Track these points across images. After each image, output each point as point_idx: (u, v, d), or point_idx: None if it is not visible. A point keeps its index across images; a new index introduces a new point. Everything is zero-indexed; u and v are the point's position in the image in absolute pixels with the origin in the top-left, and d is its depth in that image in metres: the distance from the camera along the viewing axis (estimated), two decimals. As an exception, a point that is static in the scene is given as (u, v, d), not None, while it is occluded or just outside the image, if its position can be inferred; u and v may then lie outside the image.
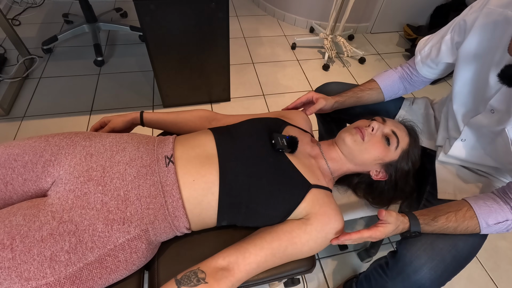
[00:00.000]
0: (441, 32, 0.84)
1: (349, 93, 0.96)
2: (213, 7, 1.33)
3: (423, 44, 0.90)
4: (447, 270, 0.71)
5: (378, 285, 0.84)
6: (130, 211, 0.61)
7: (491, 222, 0.65)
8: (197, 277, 0.58)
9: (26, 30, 2.21)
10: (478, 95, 0.75)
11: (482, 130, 0.75)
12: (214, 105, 1.81)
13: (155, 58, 1.47)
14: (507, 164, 0.74)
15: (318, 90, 1.08)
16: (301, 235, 0.65)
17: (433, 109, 1.00)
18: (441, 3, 2.39)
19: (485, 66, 0.71)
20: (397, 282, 0.76)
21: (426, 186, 0.89)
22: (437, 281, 0.71)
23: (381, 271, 0.82)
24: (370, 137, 0.76)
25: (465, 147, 0.81)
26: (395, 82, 0.96)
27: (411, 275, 0.72)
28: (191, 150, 0.70)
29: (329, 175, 0.80)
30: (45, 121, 1.63)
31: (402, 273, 0.74)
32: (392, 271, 0.77)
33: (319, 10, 2.42)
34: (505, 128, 0.67)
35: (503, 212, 0.65)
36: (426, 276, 0.70)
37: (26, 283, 0.53)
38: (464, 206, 0.68)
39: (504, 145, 0.69)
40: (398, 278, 0.75)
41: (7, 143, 0.67)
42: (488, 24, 0.70)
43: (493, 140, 0.73)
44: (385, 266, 0.80)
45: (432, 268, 0.70)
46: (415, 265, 0.71)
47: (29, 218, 0.57)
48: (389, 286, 0.78)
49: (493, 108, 0.70)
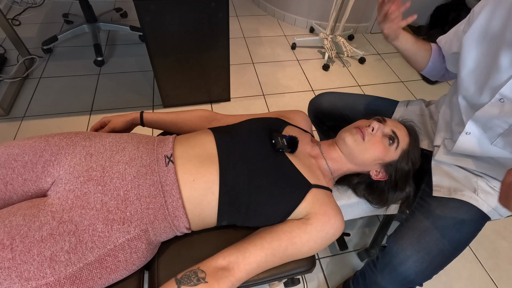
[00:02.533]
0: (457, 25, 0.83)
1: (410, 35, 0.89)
2: (213, 7, 1.33)
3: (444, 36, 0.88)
4: (433, 262, 0.73)
5: (370, 280, 0.86)
6: (130, 211, 0.61)
7: None
8: (197, 276, 0.58)
9: (26, 30, 2.21)
10: (484, 83, 0.71)
11: (493, 121, 0.71)
12: (214, 105, 1.82)
13: (155, 58, 1.47)
14: None
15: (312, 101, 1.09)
16: (301, 235, 0.65)
17: (429, 110, 0.99)
18: (441, 3, 2.39)
19: (494, 48, 0.68)
20: (385, 274, 0.78)
21: (421, 185, 0.90)
22: (422, 274, 0.73)
23: (372, 266, 0.85)
24: (371, 137, 0.76)
25: (470, 140, 0.79)
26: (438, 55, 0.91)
27: (397, 267, 0.74)
28: (191, 149, 0.70)
29: (329, 175, 0.80)
30: (45, 121, 1.63)
31: (389, 265, 0.77)
32: (381, 264, 0.80)
33: (319, 10, 2.42)
34: None
35: None
36: (411, 268, 0.73)
37: (26, 283, 0.53)
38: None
39: None
40: (385, 270, 0.78)
41: (7, 143, 0.67)
42: (494, 13, 0.68)
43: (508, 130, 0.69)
44: (376, 260, 0.83)
45: (417, 261, 0.72)
46: (401, 257, 0.73)
47: (29, 218, 0.57)
48: (378, 279, 0.81)
49: (503, 97, 0.66)
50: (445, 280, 1.23)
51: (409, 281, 0.75)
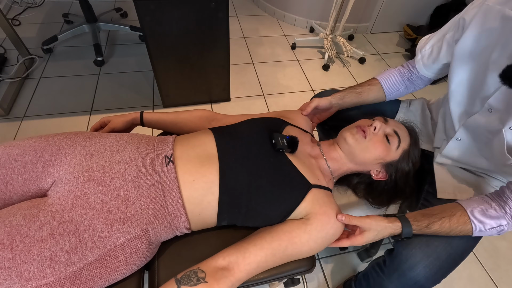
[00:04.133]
0: (442, 30, 0.83)
1: (348, 89, 0.95)
2: (213, 7, 1.33)
3: (423, 43, 0.88)
4: (442, 267, 0.73)
5: (376, 283, 0.85)
6: (130, 211, 0.61)
7: (485, 227, 0.65)
8: (197, 276, 0.58)
9: (26, 30, 2.21)
10: (475, 94, 0.74)
11: (479, 130, 0.74)
12: (214, 105, 1.81)
13: (155, 58, 1.47)
14: (501, 166, 0.74)
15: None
16: (301, 235, 0.65)
17: (430, 110, 0.99)
18: (441, 3, 2.39)
19: (482, 65, 0.70)
20: (393, 279, 0.77)
21: (424, 186, 0.89)
22: (432, 278, 0.73)
23: (379, 269, 0.83)
24: (372, 136, 0.76)
25: (459, 146, 0.81)
26: (396, 80, 0.94)
27: (407, 272, 0.73)
28: (191, 149, 0.70)
29: (329, 175, 0.80)
30: (45, 121, 1.63)
31: (398, 270, 0.75)
32: (389, 269, 0.79)
33: (319, 10, 2.42)
34: (502, 129, 0.66)
35: (497, 217, 0.65)
36: (421, 273, 0.72)
37: (26, 283, 0.53)
38: (458, 210, 0.67)
39: (499, 146, 0.69)
40: (394, 275, 0.77)
41: (7, 143, 0.67)
42: (486, 21, 0.69)
43: (490, 140, 0.72)
44: (383, 264, 0.82)
45: (427, 266, 0.72)
46: (411, 262, 0.72)
47: (29, 218, 0.57)
48: (386, 283, 0.80)
49: (491, 107, 0.69)
50: (445, 280, 1.21)
51: (418, 286, 0.74)
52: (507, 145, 0.66)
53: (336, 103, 0.93)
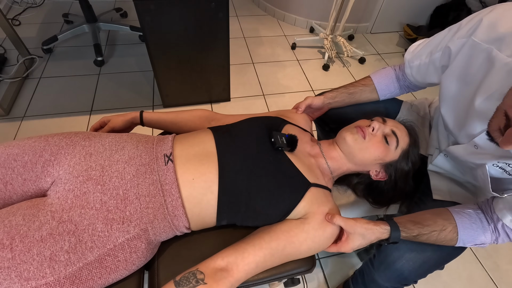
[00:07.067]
0: (432, 44, 0.78)
1: (341, 88, 0.94)
2: (213, 7, 1.33)
3: (411, 54, 0.85)
4: (427, 262, 0.74)
5: (368, 277, 0.89)
6: (130, 210, 0.61)
7: (469, 244, 0.68)
8: (196, 278, 0.58)
9: (26, 30, 2.21)
10: (462, 129, 0.71)
11: (464, 157, 0.72)
12: (214, 105, 1.81)
13: (155, 58, 1.47)
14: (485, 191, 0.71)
15: None
16: (299, 234, 0.65)
17: (430, 113, 0.98)
18: (441, 3, 2.39)
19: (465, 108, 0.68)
20: (381, 272, 0.80)
21: (420, 185, 0.90)
22: (415, 272, 0.75)
23: (370, 264, 0.87)
24: (371, 137, 0.76)
25: (447, 161, 0.82)
26: (391, 81, 0.92)
27: (391, 265, 0.76)
28: (190, 148, 0.70)
29: (329, 174, 0.79)
30: (45, 121, 1.63)
31: (384, 263, 0.78)
32: (377, 262, 0.82)
33: (319, 10, 2.42)
34: (486, 164, 0.65)
35: (484, 236, 0.66)
36: (404, 266, 0.74)
37: (26, 283, 0.53)
38: (449, 225, 0.67)
39: (482, 177, 0.68)
40: (381, 267, 0.80)
41: (7, 143, 0.67)
42: (471, 59, 0.65)
43: (474, 169, 0.71)
44: (373, 258, 0.85)
45: (411, 259, 0.74)
46: (395, 255, 0.75)
47: (29, 218, 0.57)
48: (375, 276, 0.83)
49: (477, 145, 0.66)
50: (445, 280, 1.23)
51: (403, 278, 0.76)
52: (491, 179, 0.65)
53: (328, 102, 0.94)
